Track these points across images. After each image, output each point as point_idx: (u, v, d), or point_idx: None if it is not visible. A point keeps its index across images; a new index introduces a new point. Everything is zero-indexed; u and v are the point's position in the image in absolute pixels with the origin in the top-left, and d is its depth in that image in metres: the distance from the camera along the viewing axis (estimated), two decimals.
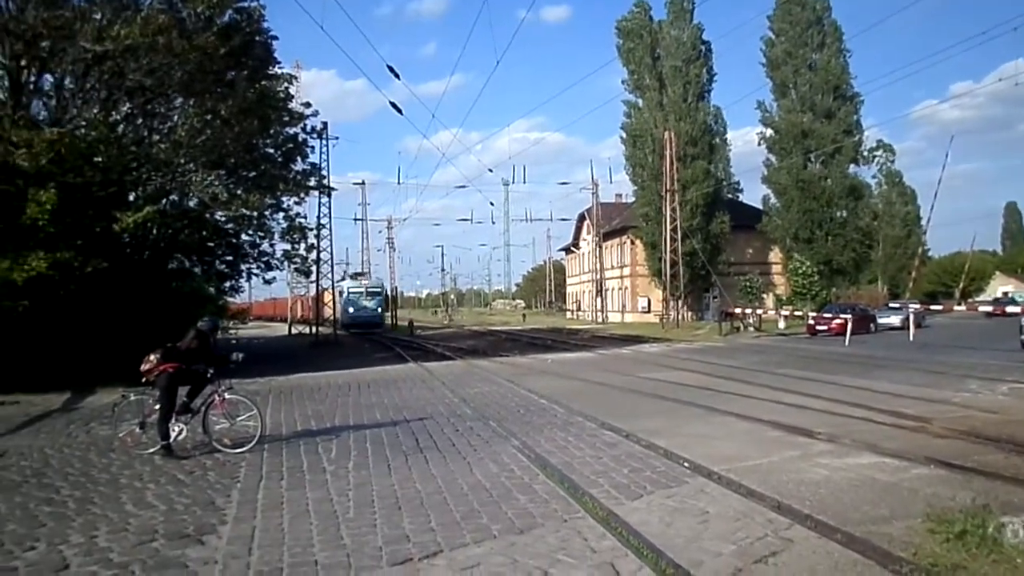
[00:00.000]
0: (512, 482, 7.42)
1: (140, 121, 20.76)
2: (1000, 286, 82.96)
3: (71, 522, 6.36)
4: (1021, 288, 78.54)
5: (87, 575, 5.14)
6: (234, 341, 35.44)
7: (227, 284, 29.90)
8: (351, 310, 52.30)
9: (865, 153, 52.67)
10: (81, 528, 6.16)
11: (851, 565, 4.92)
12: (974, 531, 5.16)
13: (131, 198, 20.30)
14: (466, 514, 6.33)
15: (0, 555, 5.55)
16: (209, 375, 9.55)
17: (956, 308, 38.34)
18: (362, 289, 53.90)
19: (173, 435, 9.19)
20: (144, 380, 9.39)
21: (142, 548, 5.62)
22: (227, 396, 9.60)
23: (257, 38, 21.02)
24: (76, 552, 5.57)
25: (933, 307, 38.10)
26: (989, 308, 39.20)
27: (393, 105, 19.74)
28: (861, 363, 19.60)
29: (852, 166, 48.96)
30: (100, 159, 17.81)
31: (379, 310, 54.70)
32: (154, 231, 21.63)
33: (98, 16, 17.25)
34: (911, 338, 28.64)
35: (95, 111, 18.81)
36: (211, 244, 24.71)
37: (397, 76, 18.34)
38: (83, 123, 18.45)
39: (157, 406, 9.25)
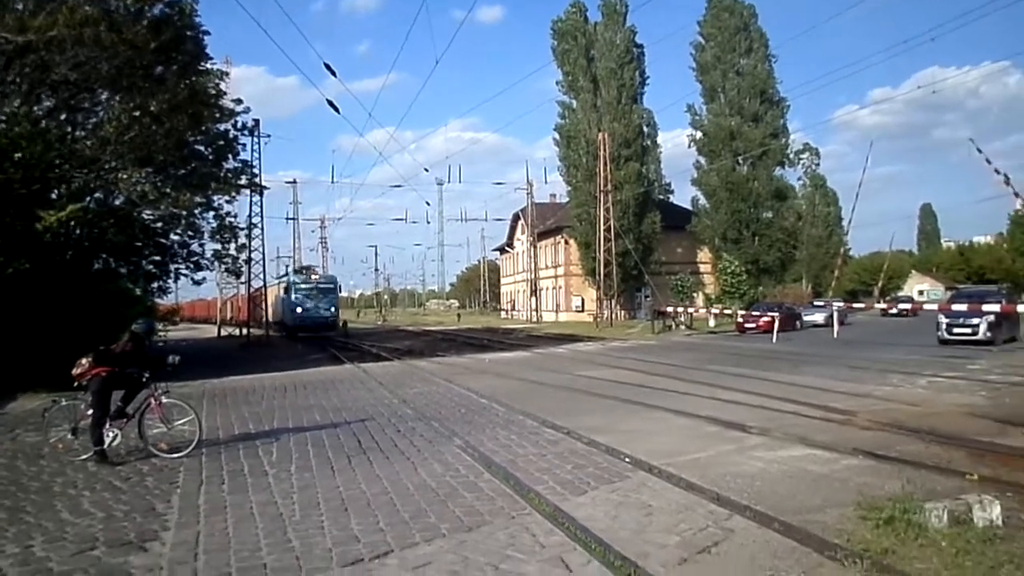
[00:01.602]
0: (458, 481, 7.47)
1: (64, 116, 20.00)
2: (916, 284, 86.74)
3: (3, 532, 6.14)
4: (936, 286, 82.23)
5: None
6: (161, 344, 34.40)
7: (155, 285, 29.00)
8: (299, 310, 44.79)
9: (791, 156, 54.50)
10: (15, 538, 5.97)
11: (789, 552, 5.15)
12: (902, 517, 5.47)
13: (54, 196, 19.54)
14: (414, 514, 6.36)
15: None
16: (144, 379, 9.32)
17: (877, 306, 39.88)
18: (312, 285, 46.30)
19: (107, 440, 8.93)
20: (76, 384, 9.10)
21: (82, 557, 5.49)
22: (163, 400, 9.38)
23: (188, 33, 20.44)
24: (12, 562, 5.40)
25: (856, 305, 39.56)
26: (889, 307, 40.73)
27: (331, 103, 19.44)
28: (789, 359, 20.25)
29: (778, 168, 50.62)
30: (21, 155, 17.10)
31: (333, 309, 46.85)
32: (77, 230, 20.85)
33: (19, 6, 16.57)
34: (835, 335, 29.72)
35: (16, 104, 18.06)
36: (138, 244, 23.95)
37: (334, 74, 18.14)
38: (2, 118, 17.69)
39: (90, 411, 8.98)
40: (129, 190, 20.38)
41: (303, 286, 45.96)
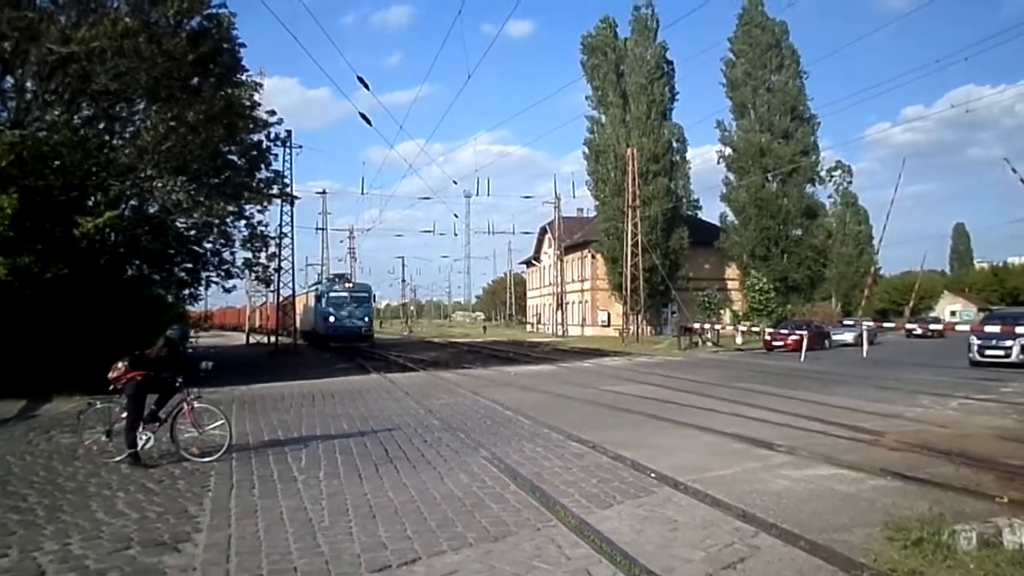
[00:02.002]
0: (484, 492, 7.53)
1: (103, 125, 20.48)
2: (948, 305, 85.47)
3: (42, 530, 6.30)
4: (968, 307, 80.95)
5: None
6: (191, 350, 34.85)
7: (186, 292, 29.50)
8: (331, 319, 42.49)
9: (823, 173, 54.24)
10: (53, 535, 6.12)
11: (815, 570, 5.15)
12: (930, 538, 5.43)
13: (90, 203, 19.98)
14: (441, 522, 6.43)
15: None
16: (178, 384, 9.50)
17: (908, 326, 39.38)
18: (346, 294, 43.76)
19: (140, 443, 9.12)
20: (111, 388, 9.31)
21: (118, 556, 5.62)
22: (195, 405, 9.55)
23: (225, 45, 20.90)
24: (51, 559, 5.54)
25: (886, 325, 39.12)
26: (917, 327, 40.00)
27: (363, 116, 19.72)
28: (817, 378, 20.08)
29: (808, 186, 50.29)
30: (61, 162, 17.52)
31: (367, 319, 44.23)
32: (112, 237, 21.28)
33: (63, 18, 17.04)
34: (864, 355, 29.37)
35: (56, 113, 18.52)
36: (171, 251, 24.38)
37: (367, 87, 18.37)
38: (44, 126, 18.14)
39: (124, 414, 9.18)
40: (164, 198, 20.82)
41: (336, 294, 43.69)
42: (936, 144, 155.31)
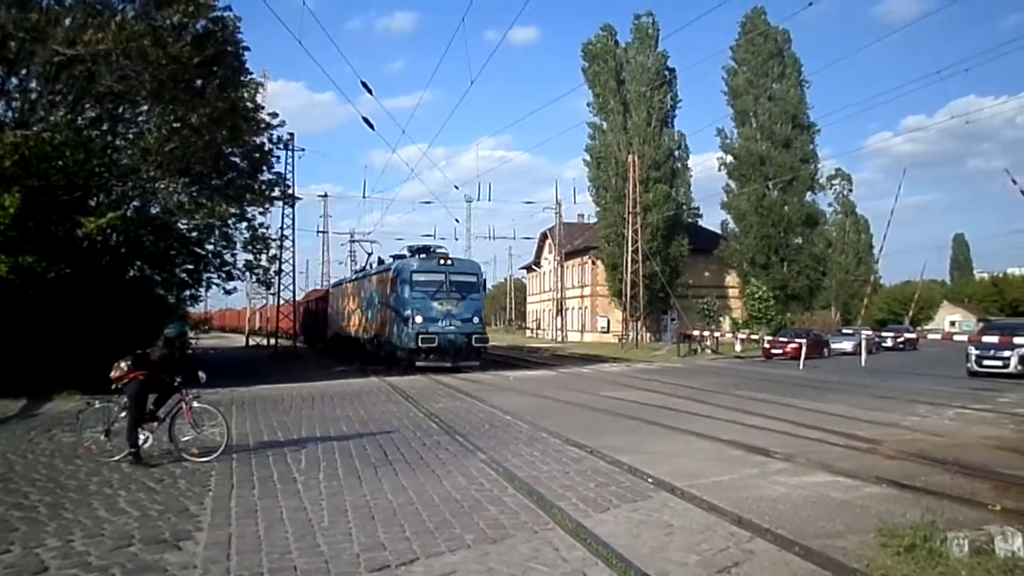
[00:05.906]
0: (482, 494, 7.59)
1: (106, 126, 20.55)
2: (948, 315, 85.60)
3: (44, 526, 6.36)
4: (968, 317, 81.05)
5: None
6: (190, 351, 34.84)
7: (187, 293, 29.51)
8: (419, 319, 25.22)
9: (823, 181, 54.43)
10: (56, 532, 6.18)
11: (808, 575, 5.20)
12: (922, 545, 5.48)
13: (93, 203, 20.04)
14: (439, 524, 6.49)
15: None
16: (176, 383, 9.56)
17: (907, 335, 39.39)
18: (441, 276, 25.89)
19: (140, 443, 9.17)
20: (113, 387, 9.37)
21: (120, 552, 5.68)
22: (194, 405, 9.61)
23: (229, 48, 20.98)
24: (54, 555, 5.60)
25: (884, 334, 39.14)
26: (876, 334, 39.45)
27: (366, 120, 19.88)
28: (815, 387, 20.15)
29: (809, 194, 50.46)
30: (65, 163, 17.58)
31: (477, 320, 26.92)
32: (114, 237, 21.33)
33: (69, 20, 17.12)
34: (863, 363, 29.44)
35: (61, 114, 18.59)
36: (173, 252, 24.42)
37: (370, 92, 18.50)
38: (48, 126, 18.20)
39: (123, 413, 9.24)
40: (167, 199, 20.89)
41: (427, 277, 25.98)
42: (937, 154, 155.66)
